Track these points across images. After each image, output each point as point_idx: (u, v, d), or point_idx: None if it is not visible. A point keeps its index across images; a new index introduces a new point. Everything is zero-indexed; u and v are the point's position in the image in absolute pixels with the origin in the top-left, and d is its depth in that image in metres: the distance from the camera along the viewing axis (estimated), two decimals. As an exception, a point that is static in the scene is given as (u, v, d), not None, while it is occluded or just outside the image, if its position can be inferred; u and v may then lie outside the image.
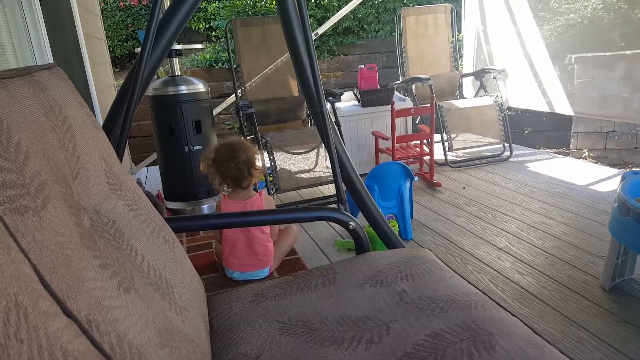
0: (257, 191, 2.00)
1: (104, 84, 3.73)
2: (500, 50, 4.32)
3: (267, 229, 1.97)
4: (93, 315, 0.46)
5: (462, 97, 4.08)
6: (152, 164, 3.95)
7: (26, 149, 0.49)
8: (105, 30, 4.52)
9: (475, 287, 0.96)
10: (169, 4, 1.25)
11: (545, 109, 3.96)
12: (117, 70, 5.76)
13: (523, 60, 4.07)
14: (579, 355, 1.44)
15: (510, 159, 3.74)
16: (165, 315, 0.66)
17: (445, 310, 0.85)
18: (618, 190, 1.70)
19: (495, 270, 2.01)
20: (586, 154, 4.45)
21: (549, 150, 4.71)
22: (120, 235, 0.70)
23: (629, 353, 1.44)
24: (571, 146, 4.56)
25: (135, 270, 0.66)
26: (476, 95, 4.08)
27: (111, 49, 5.54)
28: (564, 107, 3.77)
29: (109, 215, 0.70)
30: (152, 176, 3.87)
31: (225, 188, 2.00)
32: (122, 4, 5.97)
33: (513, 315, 0.86)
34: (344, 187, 1.49)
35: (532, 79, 4.01)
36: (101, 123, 1.02)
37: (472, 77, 4.21)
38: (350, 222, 1.15)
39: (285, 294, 0.99)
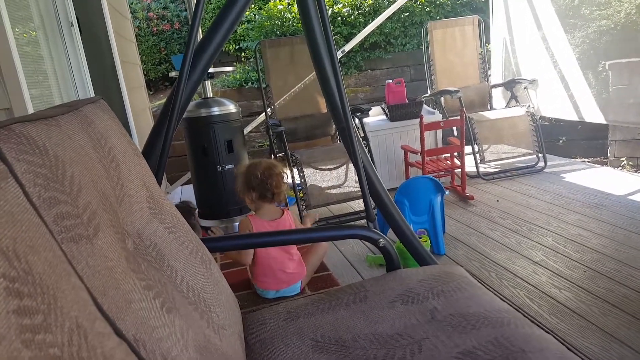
0: (286, 205, 2.05)
1: (139, 106, 3.89)
2: (530, 59, 4.25)
3: None
4: (140, 334, 0.50)
5: (492, 108, 4.03)
6: (186, 182, 4.08)
7: (79, 182, 0.54)
8: (139, 54, 4.73)
9: (509, 303, 0.95)
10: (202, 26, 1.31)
11: (578, 117, 3.86)
12: (151, 92, 5.98)
13: (554, 69, 3.99)
14: (623, 374, 1.39)
15: (544, 170, 3.65)
16: (204, 333, 0.69)
17: (478, 328, 0.85)
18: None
19: (532, 284, 1.96)
20: (625, 162, 4.29)
21: (586, 160, 4.56)
22: (161, 257, 0.74)
23: (677, 372, 1.38)
24: (609, 155, 4.41)
25: (176, 291, 0.70)
26: (507, 105, 4.02)
27: (145, 73, 5.77)
28: (598, 116, 3.67)
29: (150, 239, 0.75)
30: (186, 195, 3.99)
31: (252, 208, 2.07)
32: (155, 28, 6.22)
33: (547, 332, 0.85)
34: (372, 204, 1.51)
35: (564, 87, 3.92)
36: (137, 142, 1.08)
37: (502, 87, 4.16)
38: (380, 240, 1.17)
39: (317, 312, 1.01)
